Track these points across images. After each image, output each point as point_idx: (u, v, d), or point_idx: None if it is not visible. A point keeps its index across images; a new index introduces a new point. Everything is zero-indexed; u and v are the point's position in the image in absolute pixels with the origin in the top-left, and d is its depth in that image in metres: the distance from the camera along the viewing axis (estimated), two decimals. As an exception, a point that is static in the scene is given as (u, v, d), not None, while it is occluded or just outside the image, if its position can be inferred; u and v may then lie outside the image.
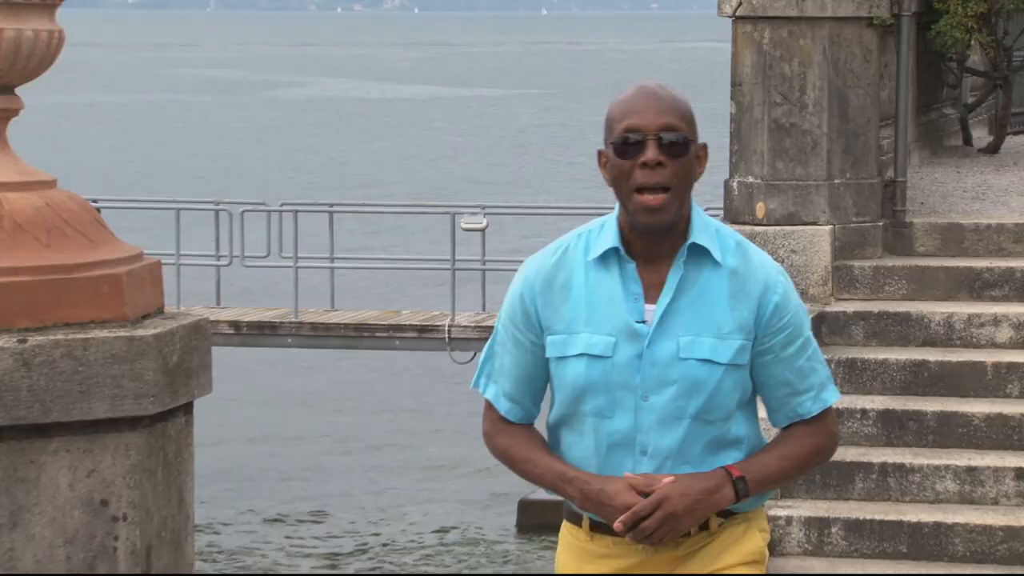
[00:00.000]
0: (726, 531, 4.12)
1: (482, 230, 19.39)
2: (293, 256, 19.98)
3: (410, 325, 19.75)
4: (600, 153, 4.06)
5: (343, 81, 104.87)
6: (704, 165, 4.07)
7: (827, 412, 4.15)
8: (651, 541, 3.94)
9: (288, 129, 68.07)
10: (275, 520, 20.03)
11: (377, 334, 19.72)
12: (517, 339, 4.13)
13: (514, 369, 4.15)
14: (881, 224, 11.03)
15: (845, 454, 9.77)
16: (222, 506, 20.13)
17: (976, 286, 10.67)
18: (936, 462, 9.66)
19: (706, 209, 4.38)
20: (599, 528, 4.07)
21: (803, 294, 10.51)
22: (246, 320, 19.90)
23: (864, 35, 10.93)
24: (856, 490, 9.70)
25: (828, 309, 10.50)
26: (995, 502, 9.56)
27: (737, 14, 10.88)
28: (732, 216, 10.94)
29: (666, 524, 3.90)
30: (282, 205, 20.60)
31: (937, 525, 9.37)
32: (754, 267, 4.08)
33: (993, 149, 14.91)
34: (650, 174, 3.92)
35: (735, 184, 10.96)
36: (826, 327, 10.43)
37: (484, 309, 19.66)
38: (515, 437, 4.15)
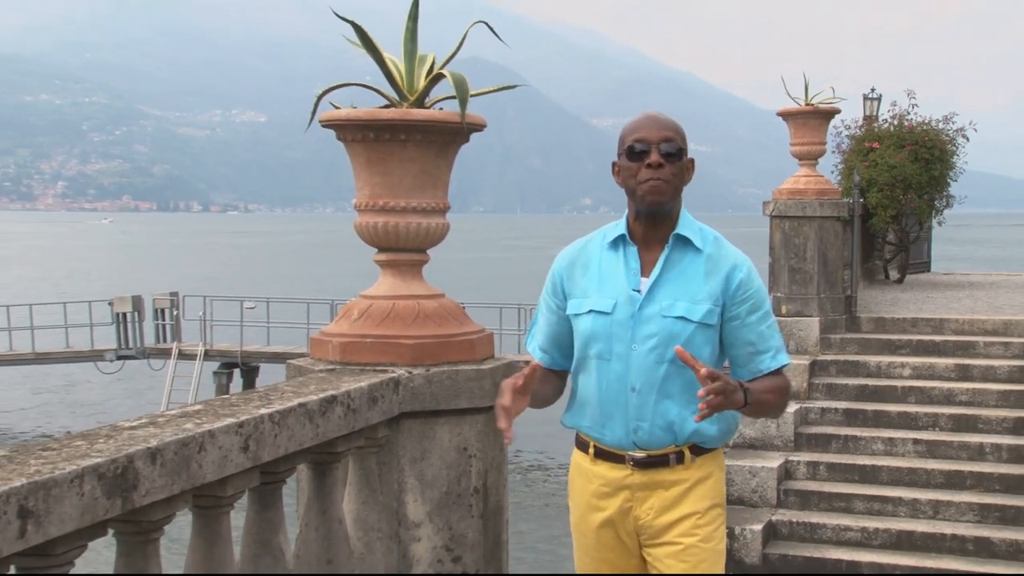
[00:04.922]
0: (697, 466, 2.93)
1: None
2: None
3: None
4: (614, 164, 2.92)
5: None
6: (691, 174, 2.92)
7: (782, 370, 2.94)
8: (713, 404, 2.62)
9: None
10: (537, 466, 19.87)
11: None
12: (549, 305, 3.04)
13: (546, 327, 3.05)
14: (844, 317, 10.56)
15: (826, 429, 9.35)
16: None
17: (892, 347, 10.16)
18: (873, 435, 9.19)
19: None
20: (600, 455, 2.95)
21: (804, 351, 10.16)
22: (533, 359, 19.89)
23: (835, 225, 10.56)
24: (831, 448, 9.24)
25: (818, 358, 10.05)
26: (903, 455, 9.08)
27: (772, 215, 10.60)
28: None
29: (723, 395, 2.63)
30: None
31: (873, 466, 8.92)
32: (725, 253, 2.91)
33: (900, 281, 14.51)
34: (652, 172, 2.84)
35: (772, 296, 10.59)
36: (817, 368, 10.00)
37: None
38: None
